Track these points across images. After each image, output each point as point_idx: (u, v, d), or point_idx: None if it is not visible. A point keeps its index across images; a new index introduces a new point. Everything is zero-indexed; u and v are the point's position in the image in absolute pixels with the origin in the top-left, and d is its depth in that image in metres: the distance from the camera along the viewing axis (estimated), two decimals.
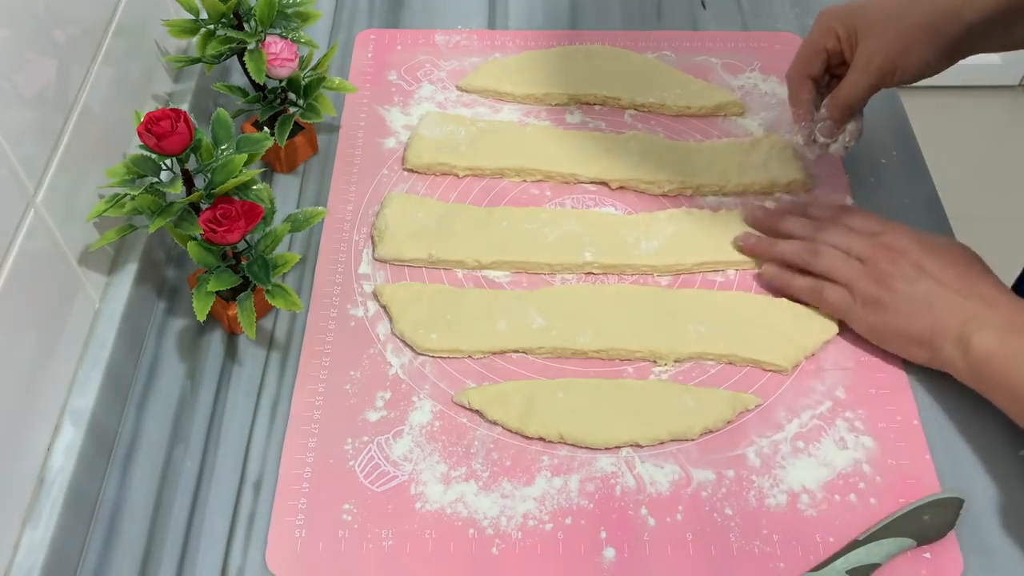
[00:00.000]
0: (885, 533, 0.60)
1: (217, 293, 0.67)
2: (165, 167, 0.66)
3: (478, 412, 0.67)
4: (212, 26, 0.76)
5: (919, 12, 0.70)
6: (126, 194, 0.64)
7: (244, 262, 0.67)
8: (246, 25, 0.76)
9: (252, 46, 0.75)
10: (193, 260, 0.65)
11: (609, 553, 0.61)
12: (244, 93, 0.78)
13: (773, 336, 0.70)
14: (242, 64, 0.77)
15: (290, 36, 0.77)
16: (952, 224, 0.78)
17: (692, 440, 0.66)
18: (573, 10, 0.97)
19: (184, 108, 0.71)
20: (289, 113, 0.78)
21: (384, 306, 0.72)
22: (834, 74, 0.77)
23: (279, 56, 0.75)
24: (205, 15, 0.76)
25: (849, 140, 0.76)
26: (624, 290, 0.73)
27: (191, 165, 0.67)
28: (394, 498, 0.63)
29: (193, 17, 0.76)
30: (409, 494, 0.63)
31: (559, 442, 0.66)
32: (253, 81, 0.76)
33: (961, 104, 2.06)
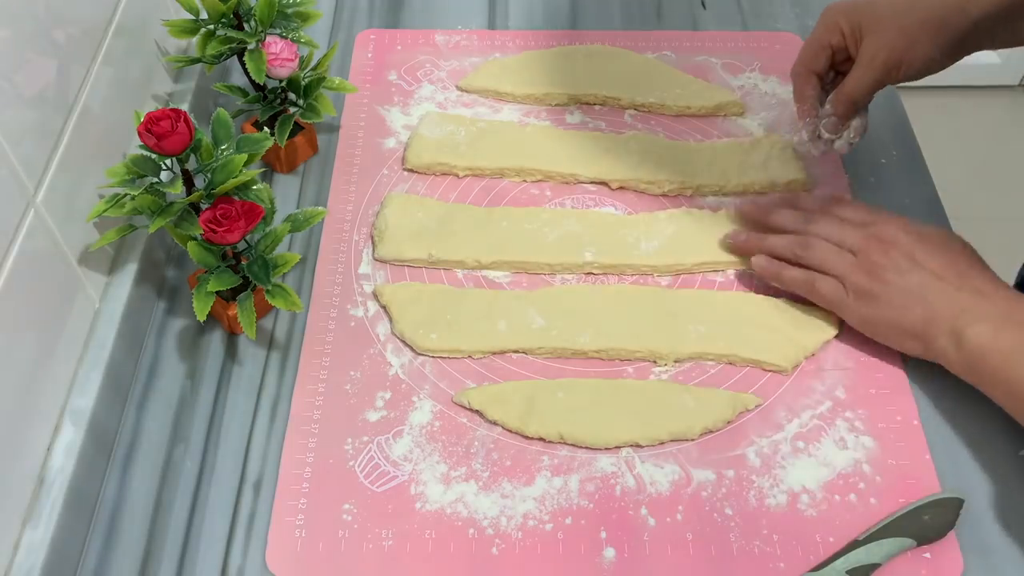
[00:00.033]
0: (885, 533, 0.60)
1: (217, 293, 0.67)
2: (165, 167, 0.66)
3: (478, 412, 0.67)
4: (212, 26, 0.76)
5: (925, 8, 0.70)
6: (126, 194, 0.64)
7: (244, 262, 0.67)
8: (246, 25, 0.76)
9: (252, 46, 0.75)
10: (193, 260, 0.65)
11: (609, 553, 0.61)
12: (244, 93, 0.78)
13: (773, 336, 0.70)
14: (242, 64, 0.77)
15: (290, 36, 0.77)
16: (952, 224, 0.78)
17: (692, 440, 0.66)
18: (573, 10, 0.97)
19: (184, 108, 0.71)
20: (289, 113, 0.78)
21: (384, 306, 0.72)
22: (839, 70, 0.77)
23: (279, 56, 0.75)
24: (205, 15, 0.76)
25: (854, 136, 0.76)
26: (624, 290, 0.73)
27: (191, 165, 0.67)
28: (394, 498, 0.63)
29: (193, 17, 0.76)
30: (409, 494, 0.63)
31: (559, 442, 0.66)
32: (253, 81, 0.76)
33: (961, 104, 2.06)
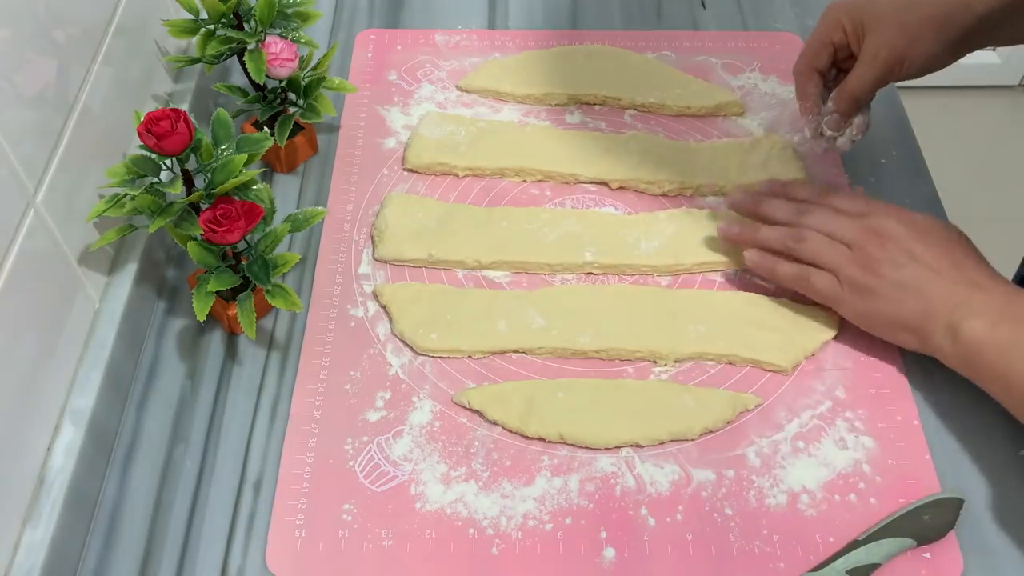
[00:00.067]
0: (885, 533, 0.60)
1: (217, 293, 0.67)
2: (165, 167, 0.66)
3: (478, 412, 0.67)
4: (212, 26, 0.76)
5: (927, 4, 0.70)
6: (126, 194, 0.64)
7: (244, 262, 0.67)
8: (246, 25, 0.76)
9: (252, 46, 0.75)
10: (193, 260, 0.65)
11: (609, 553, 0.61)
12: (244, 93, 0.78)
13: (773, 336, 0.70)
14: (242, 64, 0.77)
15: (290, 36, 0.77)
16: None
17: (692, 440, 0.66)
18: (573, 10, 0.97)
19: (184, 108, 0.71)
20: (289, 113, 0.78)
21: (384, 306, 0.72)
22: (841, 68, 0.77)
23: (279, 56, 0.75)
24: (205, 15, 0.76)
25: (856, 133, 0.76)
26: (624, 290, 0.73)
27: (191, 165, 0.67)
28: (394, 498, 0.63)
29: (193, 17, 0.76)
30: (409, 494, 0.63)
31: (559, 442, 0.66)
32: (253, 81, 0.76)
33: (961, 104, 2.06)
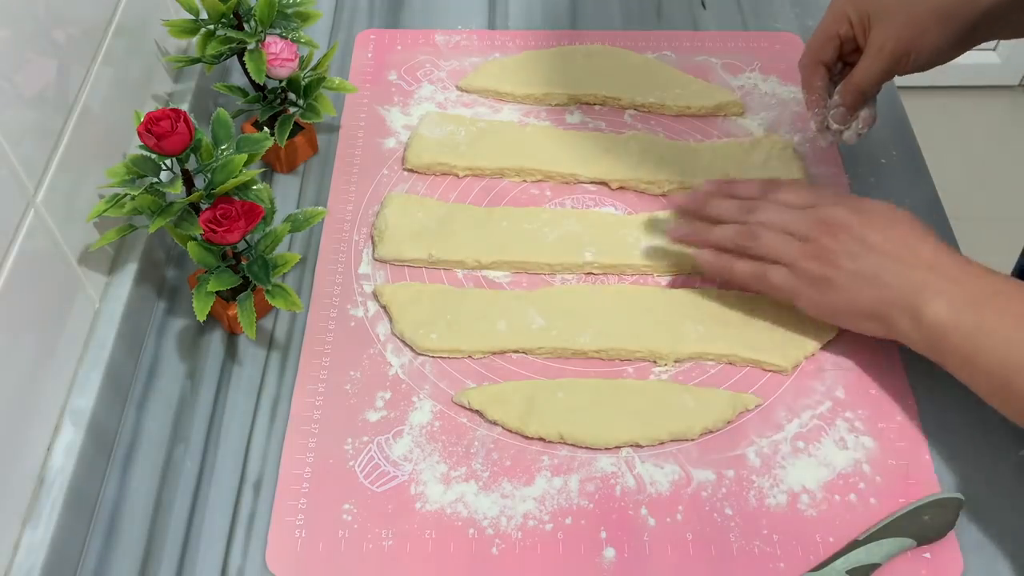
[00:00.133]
0: (885, 533, 0.60)
1: (217, 293, 0.67)
2: (165, 167, 0.66)
3: (478, 412, 0.67)
4: (212, 26, 0.76)
5: None
6: (126, 194, 0.64)
7: (244, 262, 0.67)
8: (246, 25, 0.76)
9: (252, 46, 0.75)
10: (193, 260, 0.65)
11: (609, 553, 0.61)
12: (244, 93, 0.78)
13: (773, 336, 0.70)
14: (242, 64, 0.77)
15: (290, 36, 0.77)
16: (952, 224, 0.78)
17: (692, 440, 0.66)
18: (573, 10, 0.97)
19: (184, 108, 0.71)
20: (289, 113, 0.78)
21: (384, 306, 0.72)
22: (847, 62, 0.77)
23: (279, 56, 0.75)
24: (205, 15, 0.76)
25: (862, 127, 0.76)
26: (624, 290, 0.73)
27: (191, 165, 0.67)
28: (394, 498, 0.63)
29: (193, 17, 0.76)
30: (409, 494, 0.63)
31: (559, 442, 0.66)
32: (253, 81, 0.76)
33: (961, 104, 2.06)
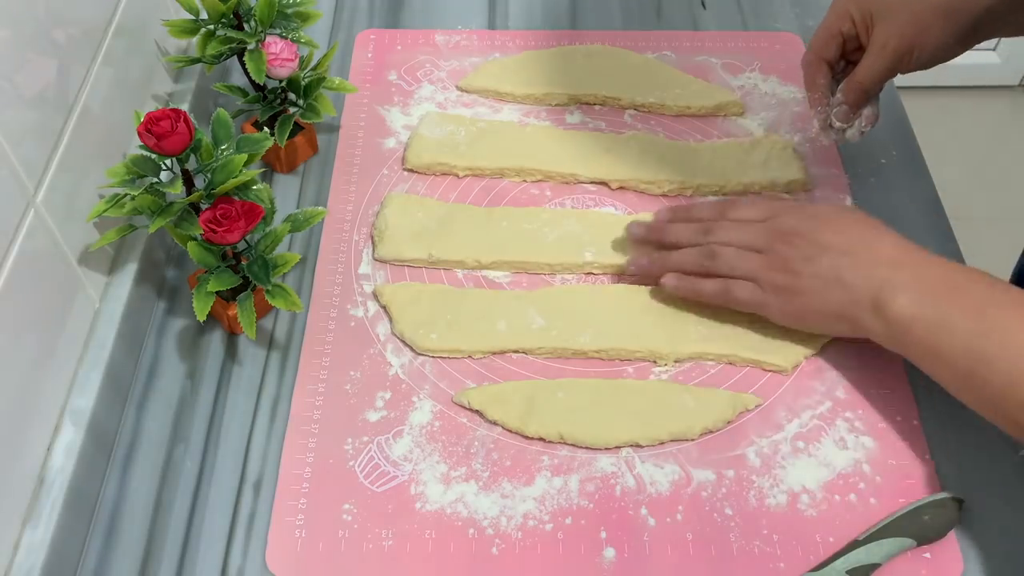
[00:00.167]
0: (885, 533, 0.60)
1: (217, 293, 0.67)
2: (165, 167, 0.66)
3: (478, 412, 0.67)
4: (212, 26, 0.76)
5: None
6: (126, 194, 0.64)
7: (244, 262, 0.67)
8: (246, 25, 0.76)
9: (252, 46, 0.75)
10: (193, 260, 0.65)
11: (609, 553, 0.61)
12: (244, 93, 0.78)
13: (773, 336, 0.70)
14: (242, 64, 0.77)
15: (290, 36, 0.77)
16: (952, 224, 0.78)
17: (692, 440, 0.66)
18: (573, 10, 0.97)
19: (184, 108, 0.71)
20: (289, 113, 0.78)
21: (384, 306, 0.72)
22: (849, 60, 0.77)
23: (279, 56, 0.75)
24: (205, 15, 0.76)
25: (865, 125, 0.76)
26: (624, 290, 0.73)
27: (191, 165, 0.67)
28: (394, 498, 0.63)
29: (193, 17, 0.76)
30: (409, 494, 0.63)
31: (559, 442, 0.66)
32: (253, 81, 0.76)
33: (961, 104, 2.06)
